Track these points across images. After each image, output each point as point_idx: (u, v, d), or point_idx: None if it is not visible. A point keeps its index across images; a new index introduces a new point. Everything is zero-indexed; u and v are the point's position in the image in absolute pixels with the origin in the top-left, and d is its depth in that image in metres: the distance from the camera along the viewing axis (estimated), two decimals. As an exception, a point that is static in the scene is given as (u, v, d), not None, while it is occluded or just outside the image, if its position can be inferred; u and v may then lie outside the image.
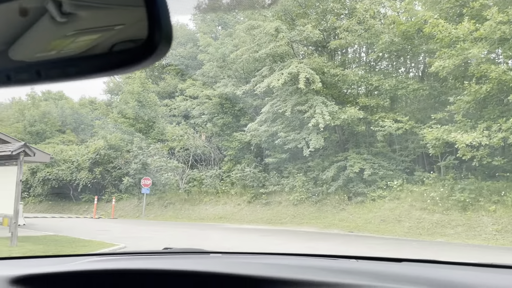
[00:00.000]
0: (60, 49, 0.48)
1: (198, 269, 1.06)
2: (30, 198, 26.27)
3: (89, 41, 0.47)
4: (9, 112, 31.33)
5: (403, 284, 0.96)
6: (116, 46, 0.47)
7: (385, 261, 1.30)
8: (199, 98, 23.87)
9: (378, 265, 1.22)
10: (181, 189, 22.71)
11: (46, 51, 0.48)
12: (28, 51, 0.49)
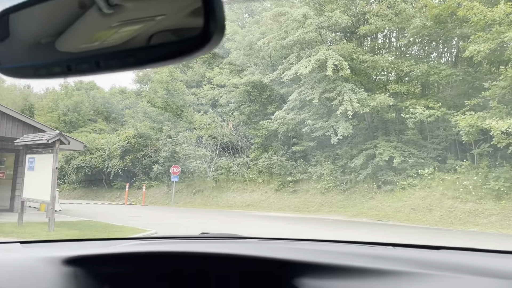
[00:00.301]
0: (119, 40, 0.50)
1: (237, 252, 1.07)
2: (65, 185, 27.21)
3: (147, 32, 0.49)
4: (44, 102, 32.39)
5: (443, 271, 0.95)
6: (172, 36, 0.49)
7: (423, 249, 1.29)
8: (226, 86, 23.94)
9: (416, 252, 1.21)
10: (209, 176, 22.99)
11: (105, 42, 0.50)
12: (87, 43, 0.51)
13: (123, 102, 33.44)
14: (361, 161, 17.33)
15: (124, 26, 0.50)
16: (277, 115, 19.76)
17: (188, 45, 0.49)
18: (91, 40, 0.51)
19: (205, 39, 0.48)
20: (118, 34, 0.50)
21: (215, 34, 0.48)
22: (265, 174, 21.03)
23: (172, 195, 22.31)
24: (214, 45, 0.50)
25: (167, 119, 25.72)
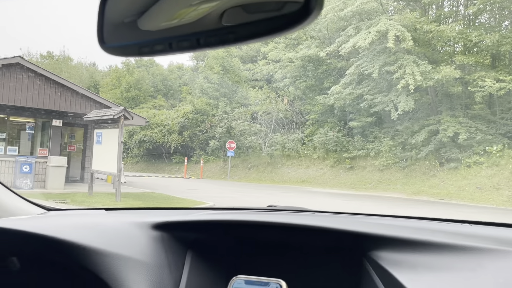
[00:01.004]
0: (220, 18, 0.49)
1: (310, 223, 1.07)
2: (128, 158, 28.70)
3: (248, 9, 0.48)
4: (108, 79, 34.01)
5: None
6: (272, 12, 0.48)
7: (499, 226, 1.22)
8: (282, 61, 23.69)
9: (493, 230, 1.16)
10: (264, 152, 23.18)
11: (206, 20, 0.50)
12: (189, 21, 0.51)
13: (180, 79, 34.28)
14: (422, 138, 16.60)
15: (225, 3, 0.49)
16: (334, 90, 19.31)
17: (287, 20, 0.48)
18: (192, 18, 0.51)
19: (305, 13, 0.46)
20: (218, 12, 0.50)
21: (315, 9, 0.46)
22: (320, 150, 20.82)
23: (228, 170, 22.81)
24: (313, 19, 0.48)
25: (222, 95, 26.07)
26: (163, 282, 0.97)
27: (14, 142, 14.08)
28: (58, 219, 1.09)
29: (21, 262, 0.91)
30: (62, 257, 0.95)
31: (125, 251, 0.95)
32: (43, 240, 0.93)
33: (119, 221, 1.13)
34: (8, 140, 13.83)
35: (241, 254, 1.13)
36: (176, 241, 1.10)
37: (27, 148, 14.34)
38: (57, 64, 33.94)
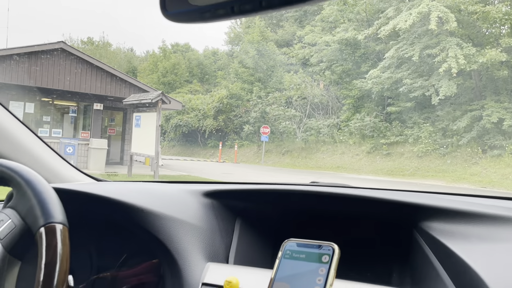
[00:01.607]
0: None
1: (356, 193, 1.05)
2: (165, 142, 29.35)
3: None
4: (145, 65, 34.71)
5: None
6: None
7: None
8: (318, 44, 23.30)
9: None
10: (298, 137, 23.06)
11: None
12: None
13: (215, 64, 34.48)
14: (465, 123, 15.98)
15: None
16: (372, 74, 18.85)
17: None
18: None
19: None
20: None
21: None
22: (356, 136, 20.48)
23: (262, 155, 22.89)
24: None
25: (257, 80, 26.02)
26: (215, 246, 1.00)
27: (58, 125, 14.68)
28: (114, 185, 1.13)
29: (86, 223, 0.95)
30: (123, 218, 0.99)
31: (180, 215, 0.98)
32: (105, 201, 0.97)
33: (172, 189, 1.16)
34: (52, 123, 14.43)
35: (288, 223, 1.14)
36: (226, 208, 1.12)
37: (70, 130, 14.92)
38: (97, 49, 34.92)
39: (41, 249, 0.63)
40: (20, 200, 0.71)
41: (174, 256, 0.89)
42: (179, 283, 0.87)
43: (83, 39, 37.68)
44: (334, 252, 0.75)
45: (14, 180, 0.73)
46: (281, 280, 0.76)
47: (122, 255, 1.09)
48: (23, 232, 0.69)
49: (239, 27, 35.43)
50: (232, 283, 0.81)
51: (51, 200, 0.69)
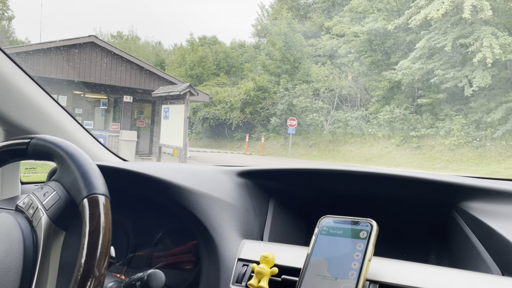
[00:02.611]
0: None
1: (394, 173, 1.04)
2: (192, 134, 29.68)
3: None
4: (173, 58, 35.10)
5: None
6: None
7: None
8: (346, 36, 22.92)
9: None
10: (325, 130, 22.85)
11: None
12: None
13: (242, 56, 34.49)
14: (500, 116, 15.41)
15: None
16: (402, 65, 18.40)
17: None
18: None
19: None
20: None
21: None
22: (385, 128, 20.10)
23: (289, 147, 22.82)
24: None
25: (284, 72, 25.87)
26: (249, 224, 1.01)
27: (89, 117, 15.08)
28: (149, 164, 1.16)
29: (123, 200, 0.97)
30: (159, 195, 1.01)
31: (215, 193, 0.99)
32: (142, 178, 0.99)
33: (206, 168, 1.18)
34: (84, 115, 14.84)
35: (322, 204, 1.14)
36: (260, 188, 1.13)
37: (101, 122, 15.31)
38: (126, 43, 35.56)
39: (85, 219, 0.65)
40: (63, 173, 0.74)
41: (210, 232, 0.91)
42: (215, 258, 0.88)
43: (112, 33, 38.48)
44: (372, 228, 0.75)
45: (58, 154, 0.75)
46: (318, 255, 0.76)
47: (158, 233, 1.12)
48: (67, 203, 0.72)
49: (266, 19, 35.27)
50: (268, 258, 0.81)
51: (93, 173, 0.71)
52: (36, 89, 1.29)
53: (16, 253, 0.69)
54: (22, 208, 0.77)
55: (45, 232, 0.71)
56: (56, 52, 13.28)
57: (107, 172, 0.75)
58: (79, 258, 0.62)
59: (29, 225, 0.73)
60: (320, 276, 0.73)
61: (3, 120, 1.23)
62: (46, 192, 0.74)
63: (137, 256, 1.12)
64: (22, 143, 0.78)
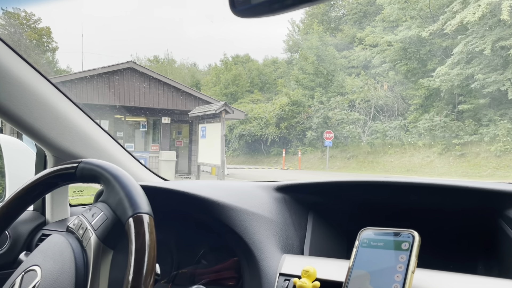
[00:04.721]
0: None
1: (437, 182, 1.01)
2: (229, 152, 29.96)
3: None
4: (208, 78, 35.86)
5: None
6: None
7: None
8: (379, 45, 22.63)
9: None
10: (363, 141, 22.45)
11: None
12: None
13: (275, 72, 34.73)
14: (549, 118, 14.63)
15: None
16: (439, 72, 17.90)
17: None
18: None
19: None
20: None
21: None
22: (426, 137, 19.49)
23: (326, 160, 22.55)
24: None
25: (318, 85, 25.79)
26: (289, 238, 1.01)
27: (130, 140, 15.57)
28: (189, 182, 1.18)
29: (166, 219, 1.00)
30: (200, 213, 1.03)
31: (254, 209, 1.00)
32: (182, 196, 1.02)
33: (243, 184, 1.19)
34: (125, 138, 15.35)
35: (362, 216, 1.12)
36: (298, 202, 1.13)
37: (141, 144, 15.76)
38: (162, 66, 36.71)
39: (131, 237, 0.68)
40: (109, 194, 0.77)
41: (250, 248, 0.91)
42: (257, 274, 0.89)
43: (149, 57, 39.86)
44: (414, 239, 0.73)
45: (103, 177, 0.79)
46: (360, 268, 0.75)
47: (200, 250, 1.14)
48: (114, 223, 0.75)
49: (297, 34, 35.45)
50: (309, 272, 0.81)
51: (137, 193, 0.74)
52: (81, 115, 1.36)
53: (68, 272, 0.73)
54: (72, 229, 0.81)
55: (95, 251, 0.74)
56: (98, 79, 13.90)
57: (150, 192, 0.78)
58: (126, 275, 0.64)
59: (79, 245, 0.77)
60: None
61: (52, 147, 1.30)
62: (94, 213, 0.78)
63: (181, 273, 1.14)
64: (70, 168, 0.83)
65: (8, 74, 1.12)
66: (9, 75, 1.12)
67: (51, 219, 1.46)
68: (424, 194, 1.02)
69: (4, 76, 1.11)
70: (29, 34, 25.45)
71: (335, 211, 1.14)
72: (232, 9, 0.64)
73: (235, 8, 0.64)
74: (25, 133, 1.22)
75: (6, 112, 1.14)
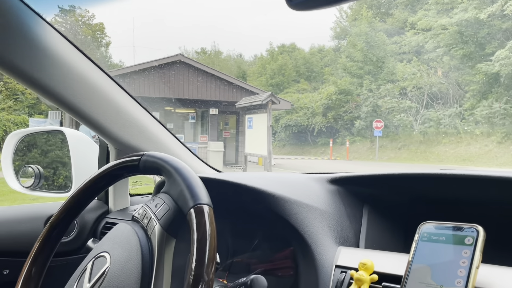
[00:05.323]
0: None
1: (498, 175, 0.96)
2: (275, 142, 29.99)
3: None
4: (254, 68, 35.98)
5: None
6: None
7: None
8: (433, 29, 21.59)
9: None
10: (415, 130, 21.66)
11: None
12: None
13: (322, 61, 34.17)
14: None
15: None
16: (499, 55, 16.85)
17: None
18: None
19: None
20: None
21: None
22: (484, 125, 18.46)
23: (376, 150, 21.99)
24: None
25: (367, 73, 25.10)
26: (344, 231, 1.00)
27: (180, 131, 16.01)
28: (243, 174, 1.21)
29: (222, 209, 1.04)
30: (254, 204, 1.05)
31: (308, 201, 1.01)
32: (238, 188, 1.05)
33: (296, 176, 1.20)
34: (175, 129, 15.79)
35: (419, 209, 1.09)
36: (352, 195, 1.12)
37: (190, 135, 16.16)
38: (209, 58, 37.26)
39: (193, 227, 0.71)
40: (171, 186, 0.81)
41: (306, 240, 0.92)
42: (313, 265, 0.89)
43: (196, 50, 40.56)
44: (478, 233, 0.71)
45: (165, 169, 0.83)
46: (420, 262, 0.74)
47: (254, 240, 1.16)
48: (176, 213, 0.79)
49: (345, 20, 34.59)
50: (367, 265, 0.81)
51: (197, 185, 0.77)
52: (139, 109, 1.43)
53: (135, 259, 0.77)
54: (137, 218, 0.86)
55: (159, 240, 0.78)
56: (148, 72, 14.37)
57: (206, 183, 0.80)
58: (189, 263, 0.67)
59: (144, 233, 0.82)
60: (423, 284, 0.71)
61: (114, 140, 1.38)
62: (158, 203, 0.82)
63: (236, 262, 1.18)
64: (134, 160, 0.88)
65: (74, 72, 1.19)
66: (75, 73, 1.19)
67: (113, 208, 1.55)
68: (485, 187, 0.98)
69: (70, 74, 1.18)
70: (84, 30, 26.71)
71: (392, 204, 1.12)
72: (288, 2, 0.65)
73: (291, 1, 0.64)
74: (90, 127, 1.30)
75: (73, 108, 1.22)
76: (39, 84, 1.13)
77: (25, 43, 1.06)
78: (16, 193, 7.79)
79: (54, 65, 1.13)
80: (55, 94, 1.17)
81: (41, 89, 1.14)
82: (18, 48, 1.05)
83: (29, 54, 1.07)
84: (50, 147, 1.68)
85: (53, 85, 1.15)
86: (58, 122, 15.79)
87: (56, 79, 1.14)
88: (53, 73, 1.13)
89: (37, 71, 1.10)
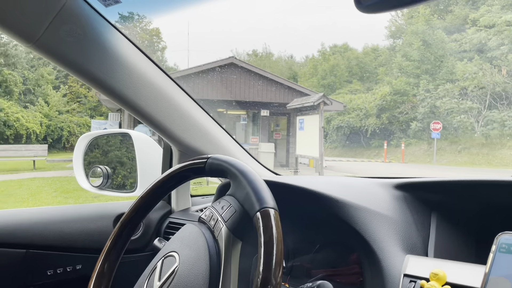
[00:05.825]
0: None
1: None
2: (326, 144, 29.59)
3: None
4: (305, 69, 35.77)
5: None
6: None
7: None
8: (497, 26, 20.36)
9: None
10: (477, 132, 20.49)
11: None
12: None
13: (376, 60, 33.28)
14: None
15: None
16: None
17: None
18: None
19: None
20: None
21: None
22: (555, 127, 17.13)
23: (434, 153, 21.05)
24: None
25: (424, 72, 24.11)
26: (411, 239, 0.97)
27: (232, 132, 16.19)
28: (305, 178, 1.20)
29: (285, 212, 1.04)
30: (317, 208, 1.04)
31: (373, 206, 0.98)
32: (301, 192, 1.04)
33: (360, 181, 1.17)
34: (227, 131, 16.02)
35: (491, 218, 1.03)
36: (419, 201, 1.08)
37: (242, 136, 16.34)
38: (261, 60, 37.53)
39: (259, 230, 0.71)
40: (237, 189, 0.82)
41: (372, 247, 0.90)
42: (379, 273, 0.87)
43: (248, 52, 41.02)
44: None
45: (231, 172, 0.84)
46: (498, 275, 0.70)
47: (316, 244, 1.15)
48: (242, 216, 0.80)
49: (401, 19, 33.49)
50: (439, 276, 0.78)
51: (263, 188, 0.78)
52: (201, 113, 1.47)
53: (203, 259, 0.79)
54: (204, 220, 0.88)
55: (226, 242, 0.80)
56: (202, 75, 14.72)
57: (270, 186, 0.81)
58: (257, 266, 0.68)
59: (211, 235, 0.83)
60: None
61: (178, 142, 1.42)
62: (224, 206, 0.84)
63: (298, 266, 1.17)
64: (200, 162, 0.90)
65: (142, 77, 1.25)
66: (143, 78, 1.25)
67: (176, 208, 1.60)
68: None
69: (138, 79, 1.24)
70: (142, 35, 27.89)
71: (462, 211, 1.06)
72: (358, 5, 0.64)
73: (360, 4, 0.63)
74: (155, 130, 1.35)
75: (141, 112, 1.28)
76: (111, 89, 1.19)
77: (99, 52, 1.12)
78: (79, 191, 8.22)
79: (124, 71, 1.19)
80: (125, 98, 1.23)
81: (112, 93, 1.20)
82: (94, 56, 1.11)
83: (103, 62, 1.13)
84: (110, 148, 1.76)
85: (123, 90, 1.21)
86: (118, 123, 16.62)
87: (126, 85, 1.20)
88: (124, 79, 1.19)
89: (110, 77, 1.16)
